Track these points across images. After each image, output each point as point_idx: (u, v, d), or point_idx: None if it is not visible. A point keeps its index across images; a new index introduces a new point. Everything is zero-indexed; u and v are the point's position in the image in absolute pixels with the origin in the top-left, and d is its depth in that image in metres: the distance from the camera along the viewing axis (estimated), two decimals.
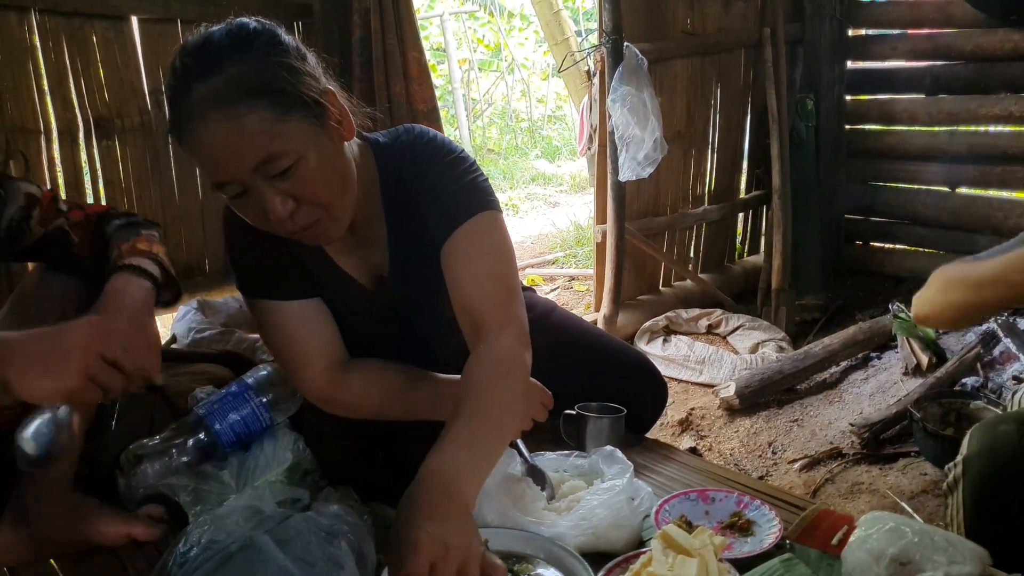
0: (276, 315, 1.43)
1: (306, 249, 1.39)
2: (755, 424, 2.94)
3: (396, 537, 1.00)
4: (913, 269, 4.17)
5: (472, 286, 1.31)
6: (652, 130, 3.21)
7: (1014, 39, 3.65)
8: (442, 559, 0.96)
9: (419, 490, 1.03)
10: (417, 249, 1.42)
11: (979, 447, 1.32)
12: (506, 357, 1.24)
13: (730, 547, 1.27)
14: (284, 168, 1.16)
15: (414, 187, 1.38)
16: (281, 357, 1.48)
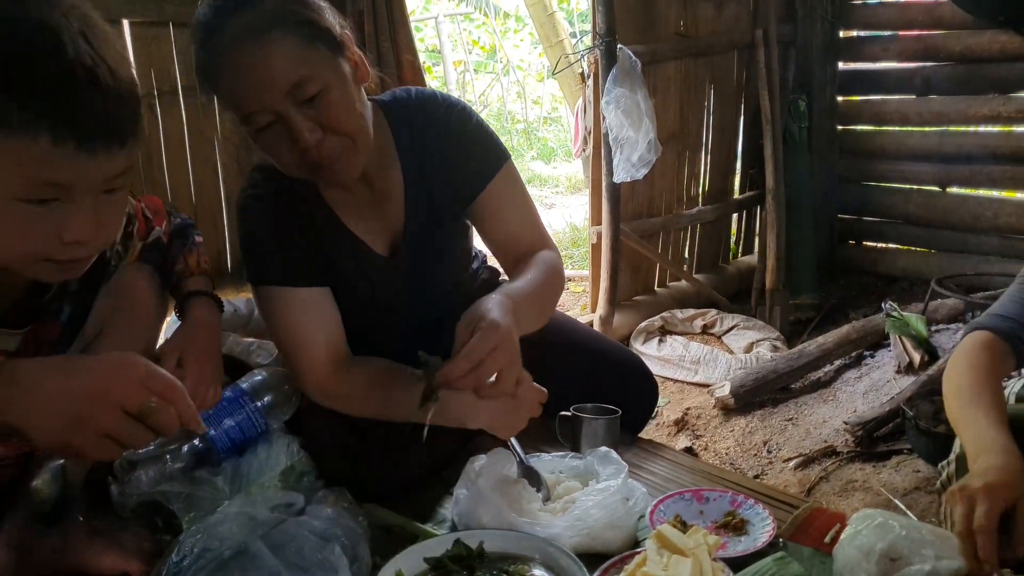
0: (284, 302, 1.46)
1: (322, 220, 1.46)
2: (750, 423, 2.95)
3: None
4: (905, 268, 4.19)
5: (518, 222, 1.53)
6: (646, 131, 3.22)
7: (1002, 40, 3.68)
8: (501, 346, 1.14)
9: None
10: (435, 204, 1.51)
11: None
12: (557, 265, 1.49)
13: (724, 546, 1.28)
14: (312, 94, 1.24)
15: (434, 143, 1.47)
16: (284, 345, 1.49)
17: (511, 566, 1.23)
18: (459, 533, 1.29)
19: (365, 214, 1.50)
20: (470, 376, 1.17)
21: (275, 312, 1.48)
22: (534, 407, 1.48)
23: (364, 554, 1.29)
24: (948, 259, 4.00)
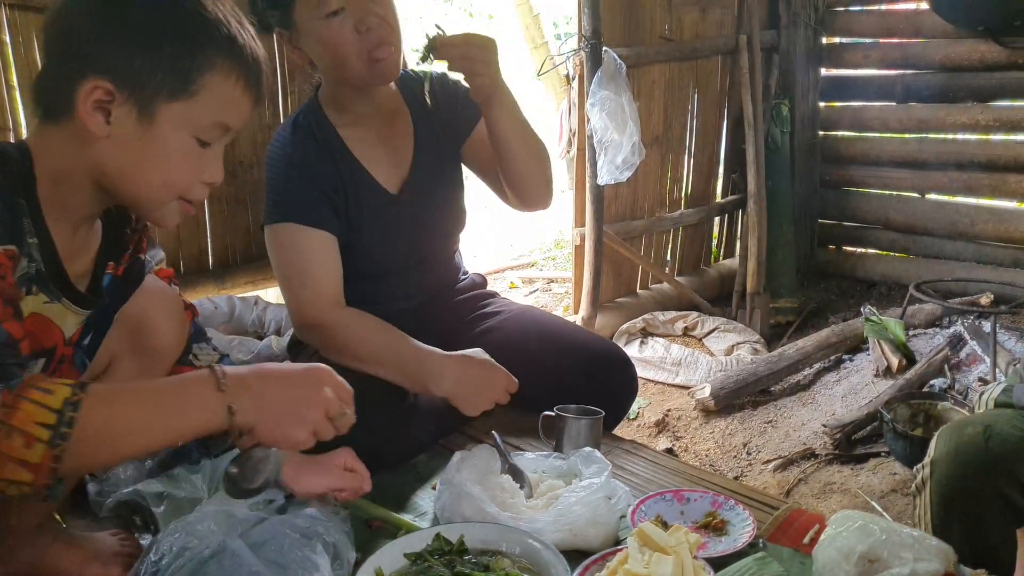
0: (297, 238, 1.62)
1: (342, 163, 1.66)
2: (730, 425, 2.97)
3: None
4: (884, 273, 4.24)
5: None
6: (630, 134, 3.23)
7: (980, 49, 3.73)
8: None
9: None
10: (439, 145, 1.76)
11: (946, 449, 1.35)
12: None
13: (704, 546, 1.29)
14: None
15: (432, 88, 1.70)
16: (293, 276, 1.64)
17: (492, 560, 1.23)
18: (439, 527, 1.29)
19: (379, 155, 1.71)
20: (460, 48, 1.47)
21: (287, 245, 1.63)
22: (500, 392, 1.55)
23: (346, 551, 1.28)
24: (926, 264, 4.05)
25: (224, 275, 2.66)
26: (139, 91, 1.01)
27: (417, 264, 1.80)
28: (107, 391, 0.97)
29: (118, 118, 1.02)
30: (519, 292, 4.62)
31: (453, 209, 1.84)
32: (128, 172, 1.06)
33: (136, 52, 1.00)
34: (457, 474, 1.38)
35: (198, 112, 1.05)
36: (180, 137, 1.05)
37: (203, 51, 1.03)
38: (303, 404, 1.05)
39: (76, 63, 1.01)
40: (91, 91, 1.00)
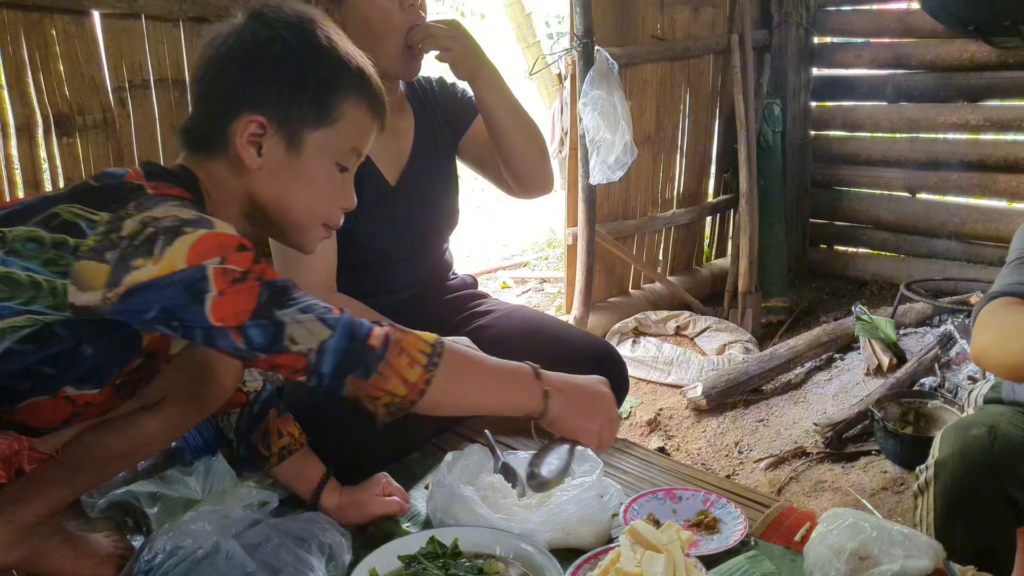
0: None
1: None
2: (722, 424, 2.98)
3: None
4: (875, 272, 4.26)
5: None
6: (622, 134, 3.23)
7: (971, 50, 3.75)
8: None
9: None
10: (433, 142, 1.83)
11: (951, 451, 1.34)
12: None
13: (696, 544, 1.29)
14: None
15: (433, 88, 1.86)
16: (283, 257, 1.65)
17: (485, 563, 1.23)
18: (433, 530, 1.29)
19: (381, 145, 1.69)
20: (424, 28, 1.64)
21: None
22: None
23: (341, 553, 1.28)
24: (917, 264, 4.07)
25: None
26: (287, 123, 1.14)
27: (408, 256, 1.82)
28: (458, 350, 1.15)
29: (269, 150, 1.14)
30: (511, 292, 4.63)
31: (447, 205, 1.88)
32: (279, 200, 1.17)
33: (283, 88, 1.13)
34: (449, 474, 1.38)
35: (338, 139, 1.18)
36: (324, 163, 1.18)
37: (339, 82, 1.16)
38: (598, 403, 1.25)
39: (228, 103, 1.14)
40: (246, 126, 1.12)
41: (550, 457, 1.24)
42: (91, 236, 1.00)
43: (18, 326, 0.99)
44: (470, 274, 2.04)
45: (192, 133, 1.18)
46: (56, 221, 1.02)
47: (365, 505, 1.41)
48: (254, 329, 1.01)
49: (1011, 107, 3.77)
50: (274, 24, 1.15)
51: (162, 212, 1.02)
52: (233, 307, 1.00)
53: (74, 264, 0.99)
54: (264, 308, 1.01)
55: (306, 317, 1.03)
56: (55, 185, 2.23)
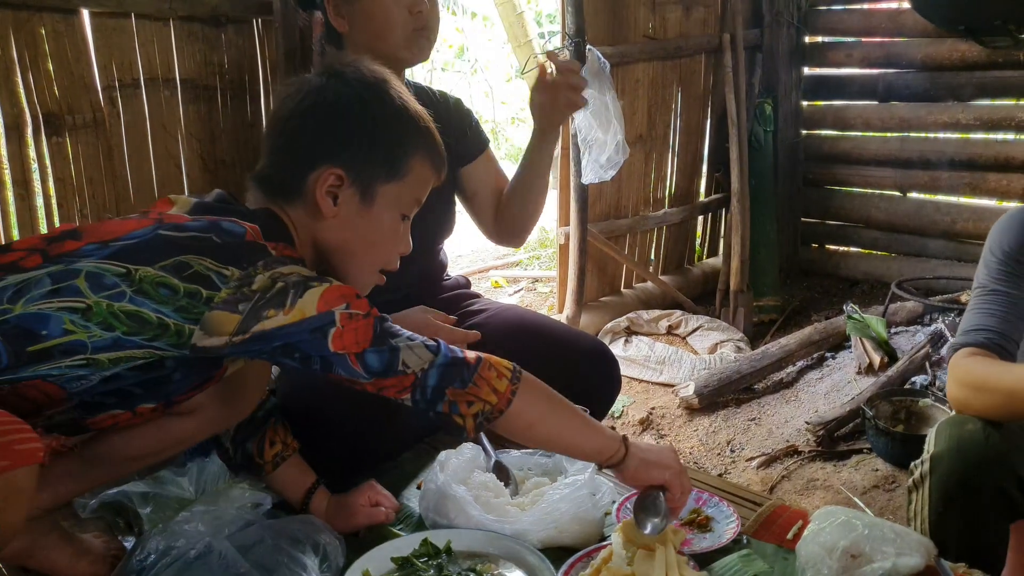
0: None
1: None
2: (714, 423, 2.99)
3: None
4: (866, 271, 4.27)
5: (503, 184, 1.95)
6: (614, 133, 3.24)
7: (961, 49, 3.77)
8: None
9: None
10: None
11: (947, 446, 1.34)
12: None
13: (689, 543, 1.30)
14: None
15: (446, 106, 1.90)
16: None
17: (479, 564, 1.23)
18: (426, 532, 1.29)
19: None
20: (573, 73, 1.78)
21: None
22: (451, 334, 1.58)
23: (334, 554, 1.28)
24: (908, 263, 4.08)
25: None
26: (362, 176, 1.24)
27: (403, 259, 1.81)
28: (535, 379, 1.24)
29: (345, 200, 1.24)
30: (503, 291, 4.62)
31: (445, 213, 1.90)
32: (346, 246, 1.27)
33: (360, 144, 1.24)
34: (442, 473, 1.38)
35: (406, 192, 1.28)
36: (391, 214, 1.28)
37: (410, 139, 1.27)
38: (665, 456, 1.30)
39: (310, 155, 1.23)
40: (326, 178, 1.22)
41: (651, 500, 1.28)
42: (224, 290, 1.10)
43: (135, 357, 1.10)
44: (463, 274, 2.05)
45: (271, 180, 1.28)
46: (188, 271, 1.11)
47: (352, 515, 1.43)
48: (372, 355, 1.13)
49: (1001, 106, 3.79)
50: (353, 84, 1.25)
51: (288, 270, 1.13)
52: (354, 337, 1.12)
53: (207, 314, 1.10)
54: (380, 338, 1.14)
55: (415, 344, 1.16)
56: (44, 185, 2.21)
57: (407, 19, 1.69)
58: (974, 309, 1.44)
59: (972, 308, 1.45)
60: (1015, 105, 3.75)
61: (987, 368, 1.35)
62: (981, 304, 1.44)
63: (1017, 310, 1.41)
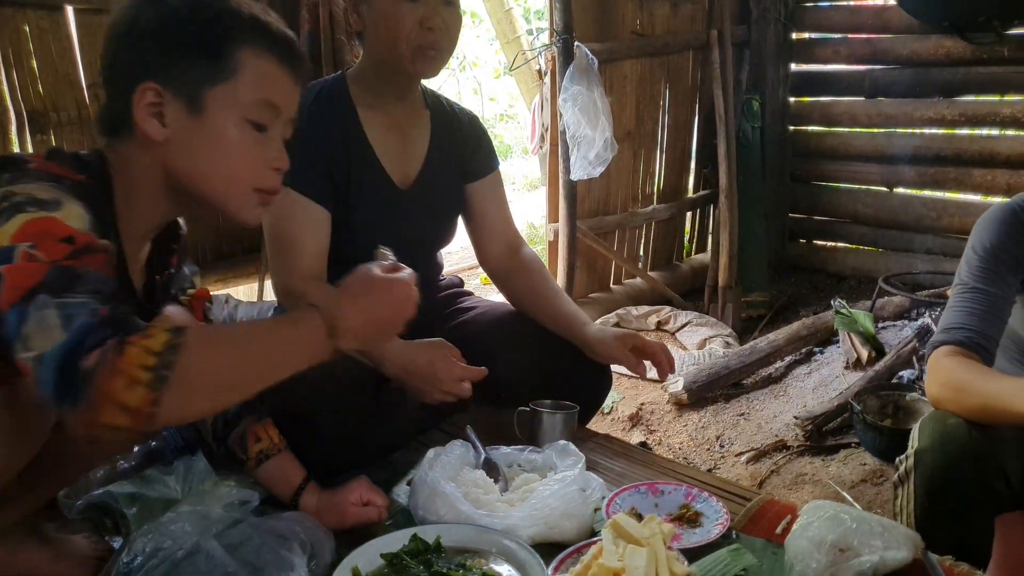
0: (291, 205, 1.63)
1: (355, 143, 1.69)
2: (703, 418, 3.00)
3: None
4: (854, 266, 4.29)
5: (506, 217, 1.93)
6: (603, 129, 3.24)
7: (946, 45, 3.79)
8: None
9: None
10: (448, 159, 1.81)
11: (931, 440, 1.35)
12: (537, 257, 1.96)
13: (678, 538, 1.30)
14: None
15: (457, 116, 1.84)
16: (280, 240, 1.66)
17: (469, 560, 1.23)
18: (416, 528, 1.29)
19: (391, 144, 1.74)
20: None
21: (283, 213, 1.63)
22: (447, 385, 1.57)
23: (323, 551, 1.28)
24: (895, 258, 4.11)
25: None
26: (183, 84, 1.08)
27: (403, 259, 1.79)
28: (208, 331, 1.08)
29: (172, 117, 1.09)
30: (494, 288, 4.62)
31: (448, 222, 1.88)
32: (195, 169, 1.11)
33: (170, 49, 1.08)
34: (431, 471, 1.38)
35: (244, 91, 1.10)
36: (233, 121, 1.10)
37: (229, 32, 1.09)
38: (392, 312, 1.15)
39: (123, 79, 1.09)
40: (141, 97, 1.07)
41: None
42: None
43: None
44: (454, 272, 2.05)
45: (103, 120, 1.15)
46: None
47: (342, 514, 1.40)
48: (13, 316, 0.90)
49: (986, 102, 3.81)
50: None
51: (22, 188, 0.98)
52: (11, 282, 0.91)
53: None
54: (32, 294, 0.91)
55: (51, 313, 0.90)
56: None
57: (418, 33, 1.59)
58: (954, 307, 1.45)
59: (952, 305, 1.46)
60: (999, 101, 3.78)
61: (968, 373, 1.35)
62: (962, 302, 1.44)
63: (996, 308, 1.41)
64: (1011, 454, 1.32)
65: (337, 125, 1.69)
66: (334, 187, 1.68)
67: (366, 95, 1.71)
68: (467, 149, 1.84)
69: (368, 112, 1.72)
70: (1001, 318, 1.42)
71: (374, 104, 1.72)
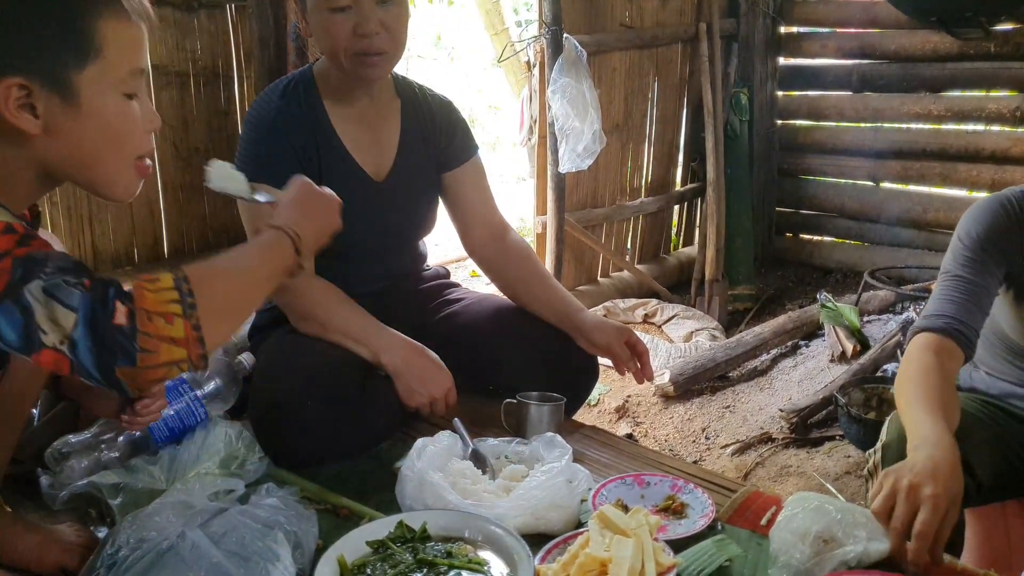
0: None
1: (323, 140, 1.67)
2: (689, 410, 3.01)
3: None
4: (840, 260, 4.32)
5: (481, 201, 1.87)
6: (591, 122, 3.24)
7: (933, 40, 3.81)
8: None
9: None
10: (422, 148, 1.78)
11: (897, 435, 1.37)
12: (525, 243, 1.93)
13: (664, 529, 1.31)
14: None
15: (431, 105, 1.79)
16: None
17: (455, 546, 1.23)
18: (402, 515, 1.29)
19: (361, 137, 1.72)
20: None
21: (260, 209, 1.58)
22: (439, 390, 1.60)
23: (308, 540, 1.27)
24: (880, 252, 4.13)
25: (180, 263, 2.60)
26: (50, 74, 1.01)
27: (383, 250, 1.80)
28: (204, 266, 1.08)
29: (45, 109, 1.02)
30: (481, 280, 4.62)
31: (426, 211, 1.85)
32: (79, 156, 1.06)
33: (28, 39, 1.00)
34: (419, 461, 1.38)
35: (112, 68, 1.04)
36: (110, 100, 1.05)
37: (84, 8, 1.02)
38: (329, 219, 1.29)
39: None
40: (7, 93, 1.00)
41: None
42: None
43: None
44: (441, 264, 2.04)
45: None
46: None
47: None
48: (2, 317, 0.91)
49: (972, 97, 3.84)
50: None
51: None
52: None
53: None
54: (14, 287, 0.91)
55: (58, 294, 0.92)
56: None
57: (353, 42, 1.55)
58: (938, 295, 1.45)
59: (936, 294, 1.46)
60: (985, 96, 3.80)
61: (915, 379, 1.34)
62: (945, 290, 1.44)
63: (978, 298, 1.42)
64: (976, 448, 1.34)
65: (306, 119, 1.67)
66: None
67: (333, 89, 1.70)
68: (442, 137, 1.80)
69: (336, 105, 1.70)
70: (983, 307, 1.42)
71: (342, 97, 1.70)
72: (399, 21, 1.59)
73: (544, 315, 1.78)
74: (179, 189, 2.55)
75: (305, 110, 1.68)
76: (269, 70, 2.44)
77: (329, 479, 1.50)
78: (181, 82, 2.37)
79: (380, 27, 1.56)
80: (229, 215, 2.58)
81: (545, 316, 1.78)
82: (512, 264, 1.85)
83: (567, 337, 1.77)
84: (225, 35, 2.45)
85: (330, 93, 1.70)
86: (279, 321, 1.71)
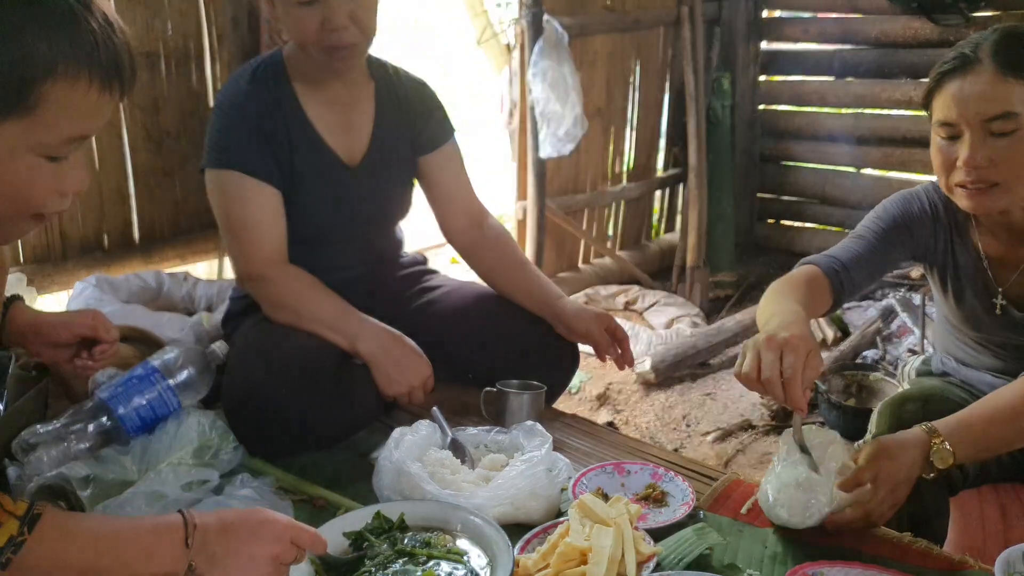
0: (241, 189, 1.59)
1: (296, 127, 1.64)
2: (670, 398, 3.01)
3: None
4: (822, 247, 4.24)
5: (458, 185, 1.83)
6: (572, 106, 3.21)
7: (914, 26, 3.81)
8: None
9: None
10: (397, 131, 1.74)
11: (887, 426, 1.39)
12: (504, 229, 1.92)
13: (645, 517, 1.29)
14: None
15: (406, 87, 1.76)
16: (236, 227, 1.61)
17: (433, 536, 1.21)
18: (379, 505, 1.27)
19: (333, 121, 1.68)
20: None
21: (234, 197, 1.60)
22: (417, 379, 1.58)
23: None
24: None
25: (151, 249, 2.56)
26: None
27: (359, 238, 1.77)
28: (63, 526, 0.95)
29: None
30: (461, 266, 4.59)
31: (401, 196, 1.82)
32: None
33: None
34: (396, 451, 1.35)
35: (42, 130, 0.89)
36: (22, 160, 0.89)
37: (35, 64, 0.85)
38: (265, 564, 1.03)
39: None
40: None
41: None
42: None
43: None
44: (420, 251, 2.01)
45: None
46: None
47: None
48: None
49: None
50: None
51: None
52: None
53: None
54: None
55: None
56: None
57: (322, 35, 1.52)
58: (838, 245, 1.55)
59: (842, 242, 1.56)
60: None
61: (778, 288, 1.49)
62: (845, 242, 1.55)
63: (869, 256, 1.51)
64: None
65: (276, 103, 1.63)
66: (279, 166, 1.63)
67: (303, 73, 1.65)
68: (417, 119, 1.76)
69: (306, 89, 1.66)
70: (870, 267, 1.51)
71: (312, 81, 1.66)
72: (366, 13, 1.55)
73: (523, 302, 1.75)
74: (150, 174, 2.48)
75: (275, 94, 1.64)
76: (242, 50, 2.39)
77: (305, 469, 1.48)
78: (151, 63, 2.31)
79: (349, 21, 1.52)
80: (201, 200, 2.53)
81: (524, 303, 1.75)
82: (491, 251, 1.82)
83: (547, 324, 1.75)
84: (196, 14, 2.39)
85: (300, 77, 1.66)
86: (254, 308, 1.67)
